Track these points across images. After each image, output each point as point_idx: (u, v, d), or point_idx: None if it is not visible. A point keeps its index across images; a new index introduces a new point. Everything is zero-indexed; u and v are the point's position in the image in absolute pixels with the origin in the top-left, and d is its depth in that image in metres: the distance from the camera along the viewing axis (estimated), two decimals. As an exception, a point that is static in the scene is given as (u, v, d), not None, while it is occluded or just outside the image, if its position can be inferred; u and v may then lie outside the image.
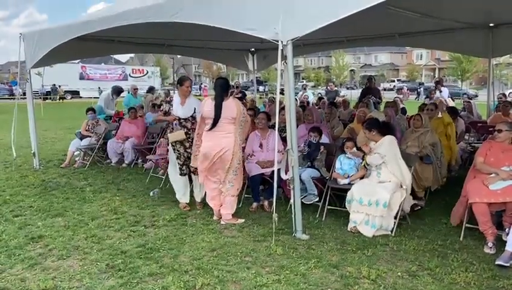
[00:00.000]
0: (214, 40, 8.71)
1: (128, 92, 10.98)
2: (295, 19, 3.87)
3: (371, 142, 4.81)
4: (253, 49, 10.96)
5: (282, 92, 4.39)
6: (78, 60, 35.54)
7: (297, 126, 4.54)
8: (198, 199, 5.34)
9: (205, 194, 5.19)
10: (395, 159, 4.60)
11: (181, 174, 5.31)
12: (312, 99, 14.45)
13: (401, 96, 17.49)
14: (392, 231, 4.36)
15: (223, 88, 4.81)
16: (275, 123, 4.26)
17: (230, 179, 4.79)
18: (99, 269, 3.62)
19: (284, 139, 5.10)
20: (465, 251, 3.92)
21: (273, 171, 4.50)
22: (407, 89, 36.72)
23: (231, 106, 4.74)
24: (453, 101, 10.55)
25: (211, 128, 4.73)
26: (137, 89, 10.94)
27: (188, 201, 5.36)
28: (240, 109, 4.78)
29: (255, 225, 4.66)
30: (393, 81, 52.65)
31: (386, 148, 4.62)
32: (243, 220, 4.80)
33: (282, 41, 3.89)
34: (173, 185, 5.45)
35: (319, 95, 18.40)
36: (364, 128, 4.86)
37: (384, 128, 4.82)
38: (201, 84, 50.30)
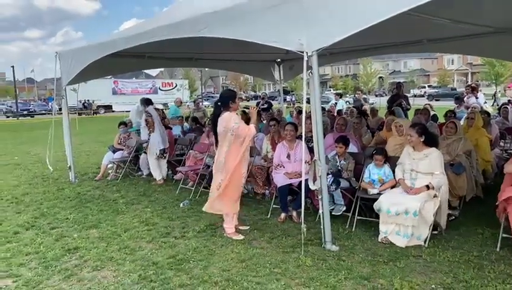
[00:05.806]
0: (240, 52, 8.81)
1: (173, 104, 13.69)
2: (319, 30, 3.86)
3: (408, 148, 4.72)
4: (279, 60, 11.02)
5: (308, 102, 4.39)
6: (110, 76, 36.68)
7: (324, 136, 4.52)
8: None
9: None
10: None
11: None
12: (345, 107, 14.13)
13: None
14: (425, 242, 4.25)
15: (220, 103, 4.69)
16: (301, 134, 4.25)
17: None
18: (132, 280, 3.70)
19: (311, 149, 5.08)
20: (502, 262, 3.77)
21: (300, 182, 4.48)
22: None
23: (221, 121, 4.63)
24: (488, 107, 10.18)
25: (216, 144, 4.81)
26: (181, 101, 14.19)
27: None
28: (223, 124, 4.56)
29: (283, 236, 4.65)
30: (424, 87, 51.35)
31: (440, 163, 4.52)
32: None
33: (307, 52, 3.88)
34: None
35: (347, 103, 17.98)
36: (414, 131, 4.63)
37: (431, 140, 4.67)
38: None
